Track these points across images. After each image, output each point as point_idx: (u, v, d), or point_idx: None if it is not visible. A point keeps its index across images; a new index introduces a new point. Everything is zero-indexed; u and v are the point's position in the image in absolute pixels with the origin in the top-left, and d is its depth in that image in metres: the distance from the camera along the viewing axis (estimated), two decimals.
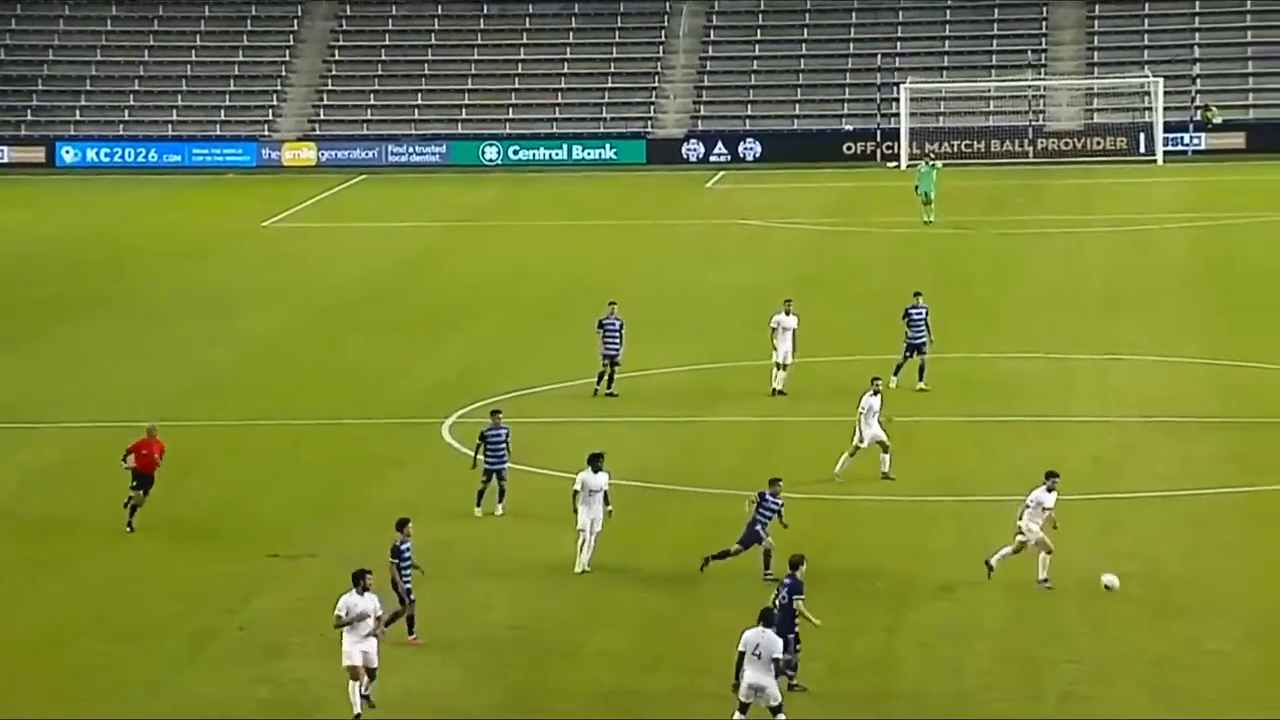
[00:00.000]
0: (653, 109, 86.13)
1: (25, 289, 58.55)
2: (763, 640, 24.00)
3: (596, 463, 31.50)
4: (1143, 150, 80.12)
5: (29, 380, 46.50)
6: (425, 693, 26.85)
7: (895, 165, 79.53)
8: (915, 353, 43.00)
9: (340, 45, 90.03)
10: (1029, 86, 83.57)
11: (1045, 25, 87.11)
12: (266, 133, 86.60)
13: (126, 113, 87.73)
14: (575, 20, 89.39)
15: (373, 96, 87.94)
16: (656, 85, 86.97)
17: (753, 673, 23.98)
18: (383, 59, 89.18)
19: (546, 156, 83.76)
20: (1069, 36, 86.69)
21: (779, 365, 42.74)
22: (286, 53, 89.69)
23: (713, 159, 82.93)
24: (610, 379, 42.94)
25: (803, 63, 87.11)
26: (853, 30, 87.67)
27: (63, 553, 33.26)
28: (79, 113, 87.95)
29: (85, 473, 38.44)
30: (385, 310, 54.56)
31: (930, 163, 68.51)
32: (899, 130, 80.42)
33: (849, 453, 36.07)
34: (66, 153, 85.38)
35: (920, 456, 36.78)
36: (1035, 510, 30.32)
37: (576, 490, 31.41)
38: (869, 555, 32.00)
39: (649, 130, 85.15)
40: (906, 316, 43.41)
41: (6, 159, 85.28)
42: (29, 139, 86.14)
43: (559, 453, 37.18)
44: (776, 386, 42.85)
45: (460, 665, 27.82)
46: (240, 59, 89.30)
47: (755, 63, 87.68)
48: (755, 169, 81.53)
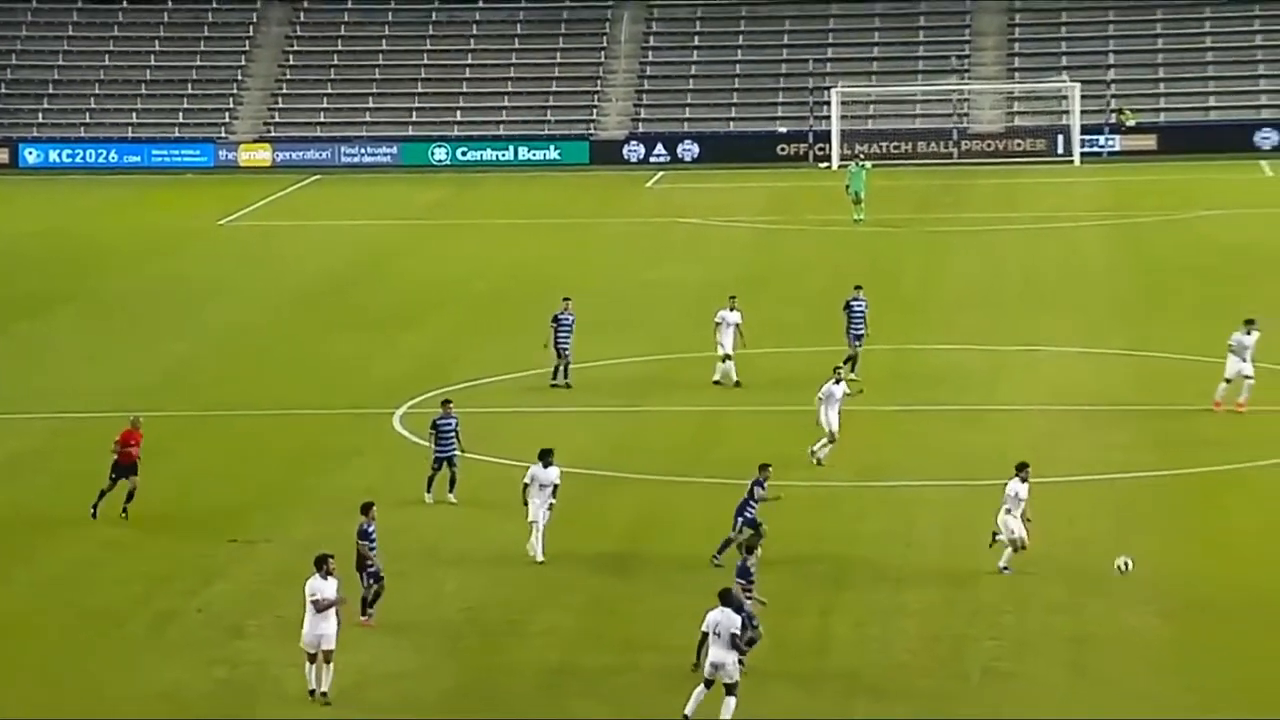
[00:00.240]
0: (595, 112, 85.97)
1: None
2: (722, 619, 24.33)
3: (547, 458, 31.31)
4: (1061, 151, 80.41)
5: None
6: (380, 672, 26.75)
7: (827, 166, 79.58)
8: (856, 343, 42.89)
9: (294, 50, 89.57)
10: (953, 91, 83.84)
11: (969, 32, 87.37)
12: (223, 135, 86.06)
13: (88, 115, 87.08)
14: (520, 27, 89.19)
15: (326, 100, 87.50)
16: (598, 89, 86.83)
17: (714, 651, 24.24)
18: (335, 64, 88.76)
19: (493, 157, 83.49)
20: (991, 43, 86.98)
21: (724, 358, 42.61)
22: (242, 58, 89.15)
23: (653, 159, 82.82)
24: (566, 371, 42.79)
25: (738, 68, 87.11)
26: (786, 36, 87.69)
27: (29, 540, 32.97)
28: (42, 115, 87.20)
29: (51, 463, 38.15)
30: (340, 305, 54.29)
31: (860, 163, 68.53)
32: (830, 132, 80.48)
33: (827, 439, 35.99)
34: (29, 154, 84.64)
35: (852, 445, 36.78)
36: (1015, 503, 29.82)
37: (526, 483, 31.25)
38: (805, 540, 31.96)
39: (591, 132, 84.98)
40: (848, 308, 43.34)
41: None
42: None
43: (508, 442, 37.06)
44: (717, 378, 42.72)
45: (413, 645, 27.74)
46: (198, 64, 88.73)
47: (693, 67, 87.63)
48: (693, 169, 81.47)
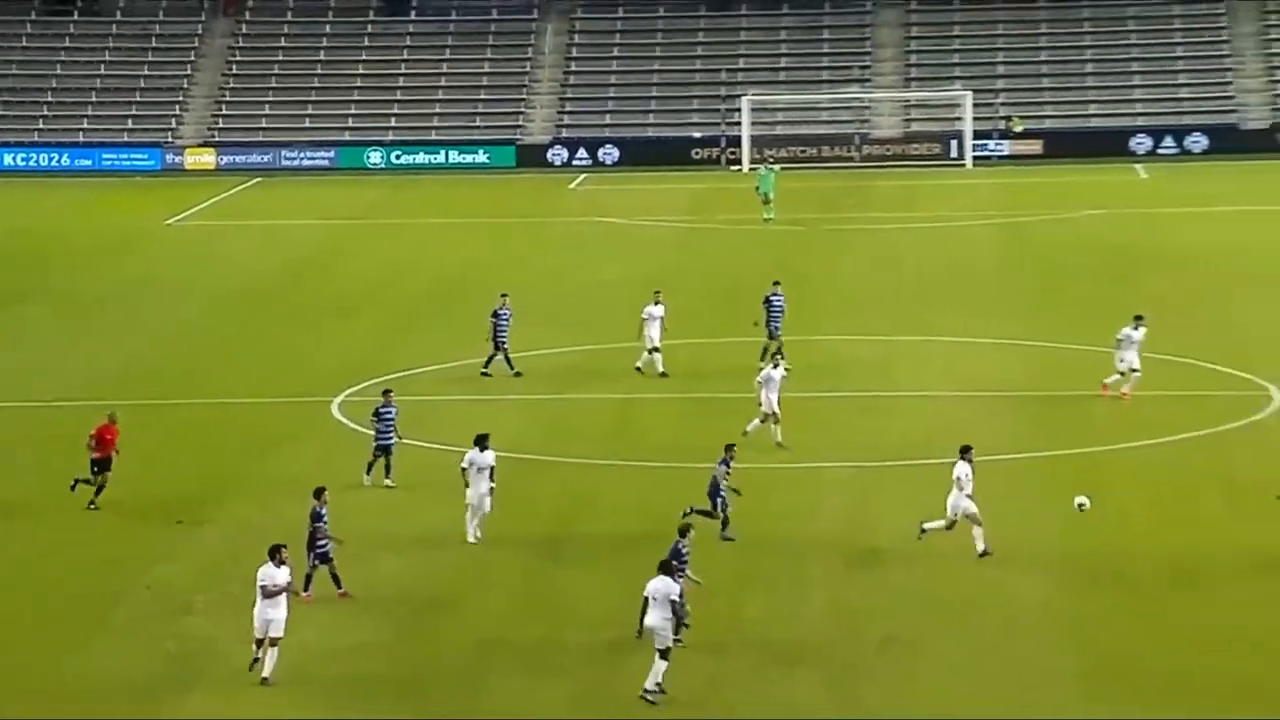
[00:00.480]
0: (521, 117, 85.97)
1: None
2: (661, 586, 24.91)
3: (483, 442, 31.35)
4: (954, 155, 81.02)
5: None
6: (323, 648, 26.80)
7: (738, 169, 79.90)
8: (775, 334, 43.07)
9: (238, 60, 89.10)
10: (855, 98, 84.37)
11: (869, 44, 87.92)
12: (170, 139, 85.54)
13: (41, 121, 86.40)
14: (451, 38, 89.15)
15: (267, 106, 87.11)
16: (524, 96, 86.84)
17: (652, 615, 24.79)
18: (276, 72, 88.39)
19: (425, 160, 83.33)
20: (889, 54, 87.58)
21: (650, 350, 42.65)
22: (188, 67, 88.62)
23: (575, 163, 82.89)
24: (509, 361, 42.70)
25: (655, 76, 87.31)
26: (700, 48, 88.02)
27: None
28: None
29: (9, 454, 37.87)
30: (282, 301, 54.15)
31: (769, 166, 68.91)
32: (741, 137, 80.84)
33: (759, 419, 36.36)
34: None
35: (761, 428, 37.09)
36: (966, 482, 29.70)
37: (464, 468, 31.28)
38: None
39: (518, 137, 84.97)
40: (767, 303, 43.55)
41: None
42: None
43: (444, 428, 37.13)
44: (639, 365, 42.74)
45: (353, 622, 27.81)
46: (145, 72, 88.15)
47: (613, 76, 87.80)
48: (614, 172, 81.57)
